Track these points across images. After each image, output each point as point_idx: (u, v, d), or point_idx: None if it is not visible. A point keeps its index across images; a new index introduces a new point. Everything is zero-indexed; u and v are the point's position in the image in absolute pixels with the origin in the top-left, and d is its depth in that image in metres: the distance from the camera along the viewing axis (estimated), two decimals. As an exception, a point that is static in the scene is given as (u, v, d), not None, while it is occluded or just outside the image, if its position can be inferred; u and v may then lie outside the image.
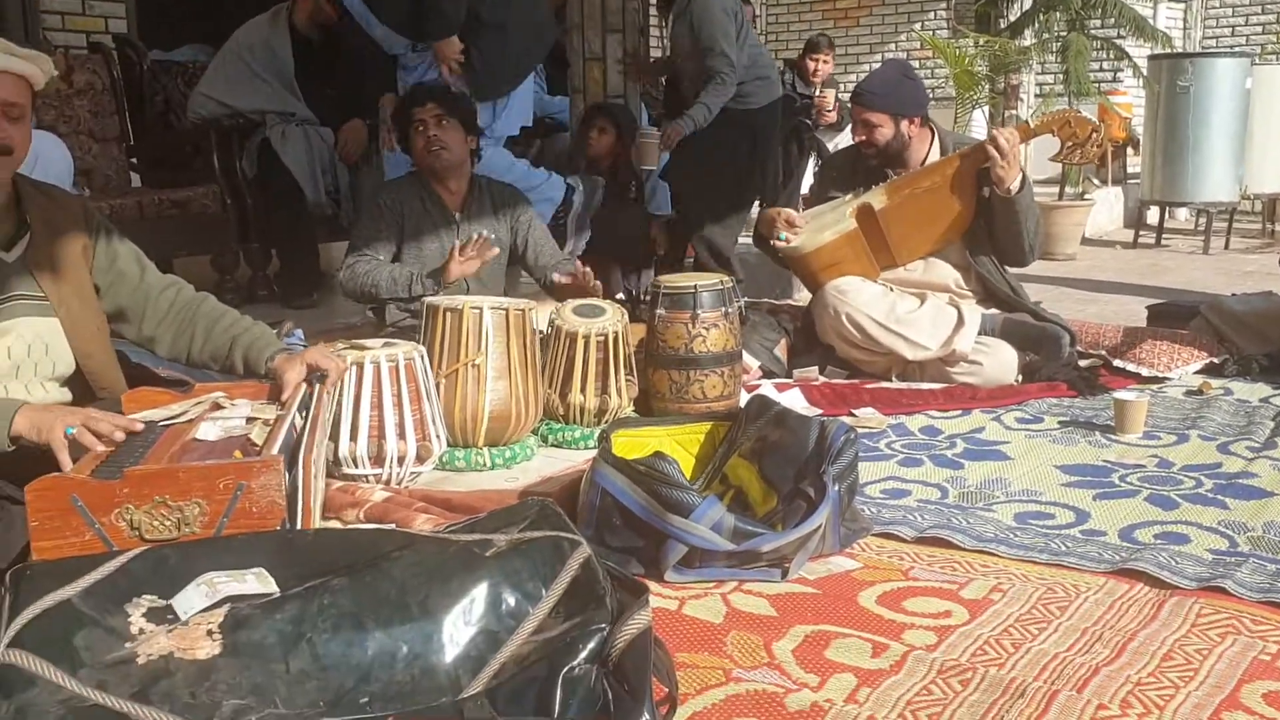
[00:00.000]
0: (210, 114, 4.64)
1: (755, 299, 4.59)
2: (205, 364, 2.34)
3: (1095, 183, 8.23)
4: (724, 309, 3.06)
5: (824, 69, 6.76)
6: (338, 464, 2.55)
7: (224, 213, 4.66)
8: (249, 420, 2.02)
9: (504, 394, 2.78)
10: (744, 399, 3.02)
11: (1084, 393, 3.34)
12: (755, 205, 5.17)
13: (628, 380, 3.05)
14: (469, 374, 2.75)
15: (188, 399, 2.12)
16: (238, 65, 4.65)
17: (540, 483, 2.58)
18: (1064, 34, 7.23)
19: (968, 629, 1.84)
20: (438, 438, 2.66)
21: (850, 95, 3.71)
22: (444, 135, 3.45)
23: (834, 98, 6.56)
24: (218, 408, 2.10)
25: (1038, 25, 7.37)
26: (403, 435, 2.57)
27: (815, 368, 3.61)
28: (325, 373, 2.24)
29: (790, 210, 3.73)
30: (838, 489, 2.12)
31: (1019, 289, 3.67)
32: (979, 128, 7.78)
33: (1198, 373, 3.58)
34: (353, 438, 2.54)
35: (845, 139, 5.67)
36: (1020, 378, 3.48)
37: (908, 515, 2.37)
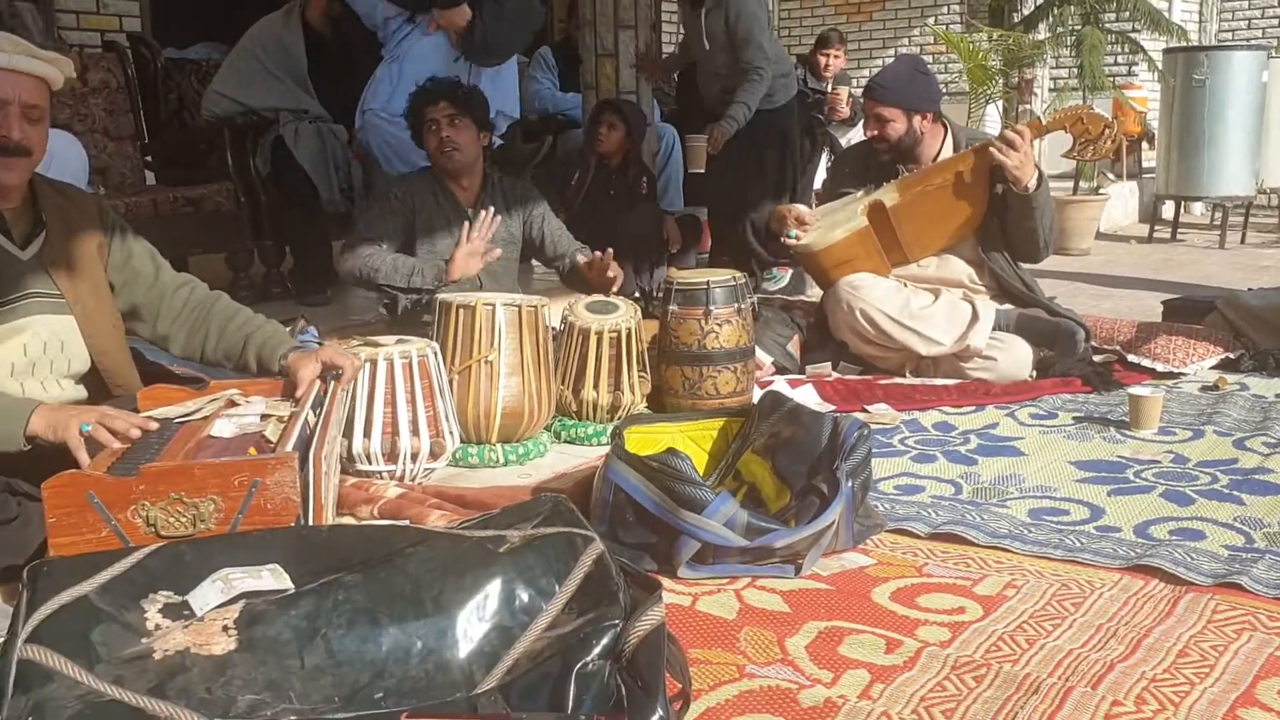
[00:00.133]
0: (224, 112, 4.66)
1: (768, 295, 4.58)
2: (219, 362, 2.36)
3: (1110, 177, 8.19)
4: (737, 305, 3.06)
5: (835, 64, 6.74)
6: (351, 460, 2.56)
7: (238, 210, 4.69)
8: (263, 417, 2.04)
9: (517, 390, 2.78)
10: (757, 395, 3.02)
11: (1099, 388, 3.33)
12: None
13: (640, 376, 3.05)
14: (482, 370, 2.76)
15: (203, 396, 2.13)
16: (251, 63, 4.68)
17: (553, 479, 2.58)
18: (1078, 28, 7.19)
19: (982, 625, 1.84)
20: (451, 434, 2.66)
21: (863, 90, 3.70)
22: (457, 135, 3.44)
23: (847, 94, 6.54)
24: (232, 405, 2.11)
25: (1052, 19, 7.34)
26: (416, 432, 2.57)
27: (828, 364, 3.60)
28: (340, 370, 2.24)
29: (801, 207, 3.70)
30: (851, 485, 2.11)
31: (1033, 284, 3.66)
32: (992, 123, 7.75)
33: (1213, 368, 3.56)
34: (366, 434, 2.55)
35: (858, 135, 5.65)
36: (1034, 373, 3.46)
37: (921, 511, 2.37)
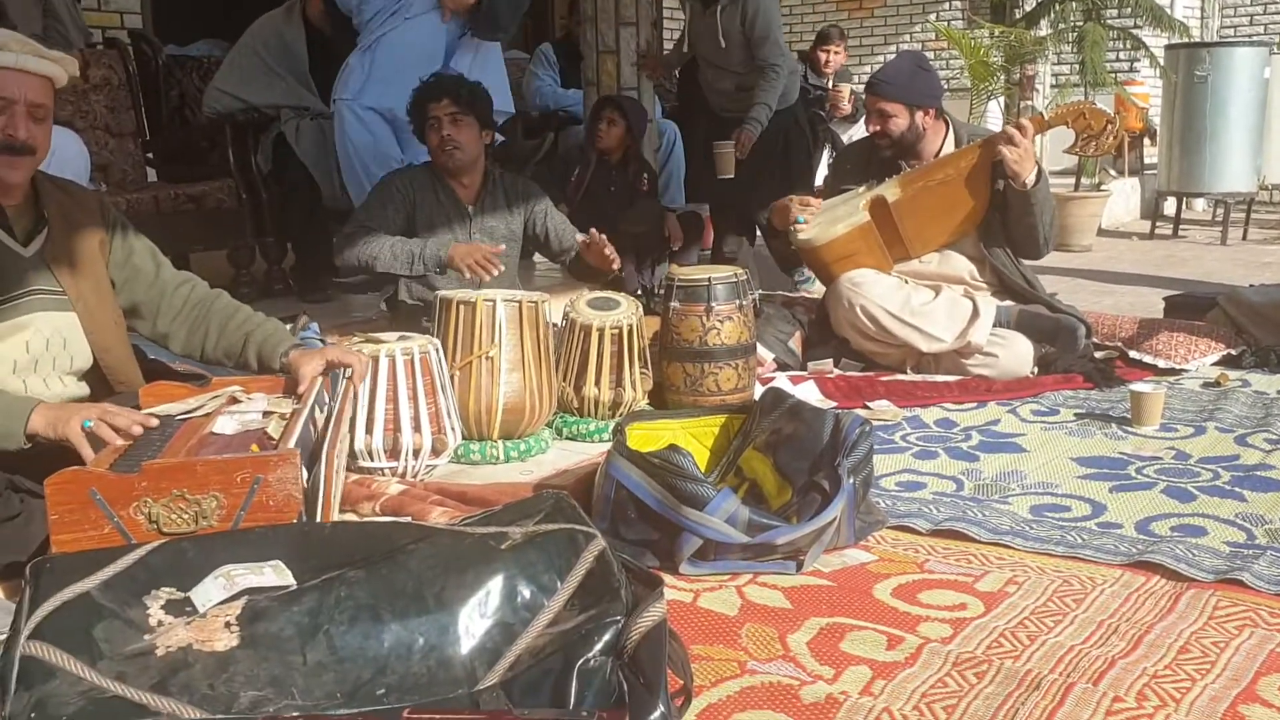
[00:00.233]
0: (225, 109, 4.66)
1: (770, 291, 4.58)
2: (219, 361, 2.35)
3: (1112, 173, 8.18)
4: (738, 301, 3.06)
5: (836, 60, 6.73)
6: (353, 457, 2.56)
7: (239, 207, 4.68)
8: (265, 414, 2.04)
9: (518, 387, 2.78)
10: (758, 392, 3.02)
11: (1100, 385, 3.33)
12: None
13: (642, 373, 3.05)
14: (483, 367, 2.76)
15: (204, 393, 2.13)
16: (252, 60, 4.67)
17: (555, 476, 2.58)
18: (1080, 24, 7.17)
19: (983, 621, 1.84)
20: (452, 431, 2.66)
21: (865, 85, 3.69)
22: (458, 134, 3.41)
23: (849, 91, 6.53)
24: (234, 402, 2.11)
25: (1053, 15, 7.32)
26: (418, 428, 2.58)
27: (830, 360, 3.60)
28: (350, 368, 2.25)
29: (805, 195, 3.72)
30: (852, 482, 2.11)
31: (1034, 281, 3.66)
32: (994, 119, 7.74)
33: (1215, 364, 3.56)
34: (368, 431, 2.55)
35: (859, 131, 5.65)
36: (1036, 370, 3.46)
37: (923, 508, 2.37)
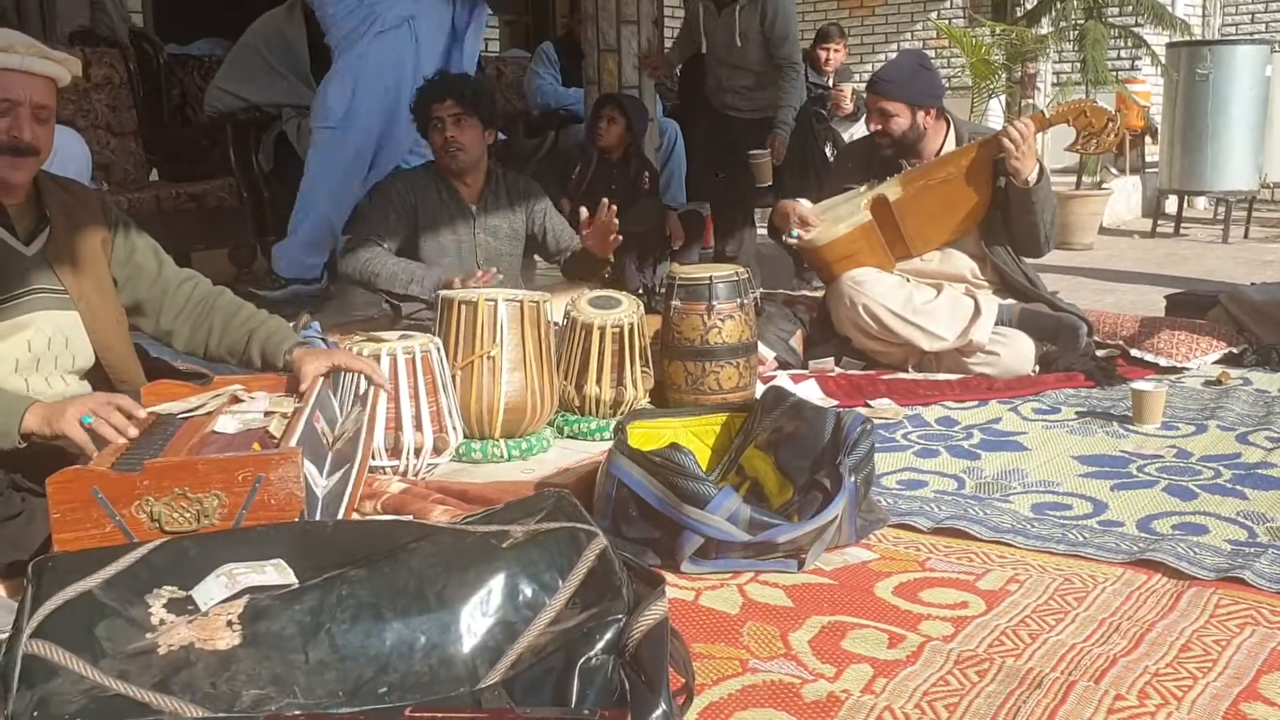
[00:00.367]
0: (227, 107, 4.66)
1: (771, 290, 4.58)
2: (222, 358, 2.36)
3: (1113, 172, 8.17)
4: (739, 300, 3.06)
5: (836, 58, 6.72)
6: (355, 456, 2.56)
7: (241, 206, 4.69)
8: (267, 413, 2.04)
9: (519, 386, 2.78)
10: (760, 390, 3.02)
11: (1101, 383, 3.33)
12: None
13: (643, 372, 3.05)
14: (484, 366, 2.76)
15: (206, 392, 2.14)
16: (254, 59, 4.68)
17: (556, 474, 2.58)
18: (1081, 22, 7.16)
19: (984, 620, 1.84)
20: (454, 429, 2.66)
21: (866, 84, 3.69)
22: (461, 135, 3.39)
23: (851, 91, 6.53)
24: (236, 401, 2.11)
25: (1055, 13, 7.31)
26: (419, 427, 2.58)
27: (831, 359, 3.60)
28: (371, 377, 2.28)
29: (805, 204, 3.65)
30: (854, 480, 2.11)
31: (1036, 279, 3.65)
32: (995, 117, 7.73)
33: (1216, 362, 3.56)
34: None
35: (860, 130, 5.64)
36: (1037, 368, 3.46)
37: (924, 506, 2.37)
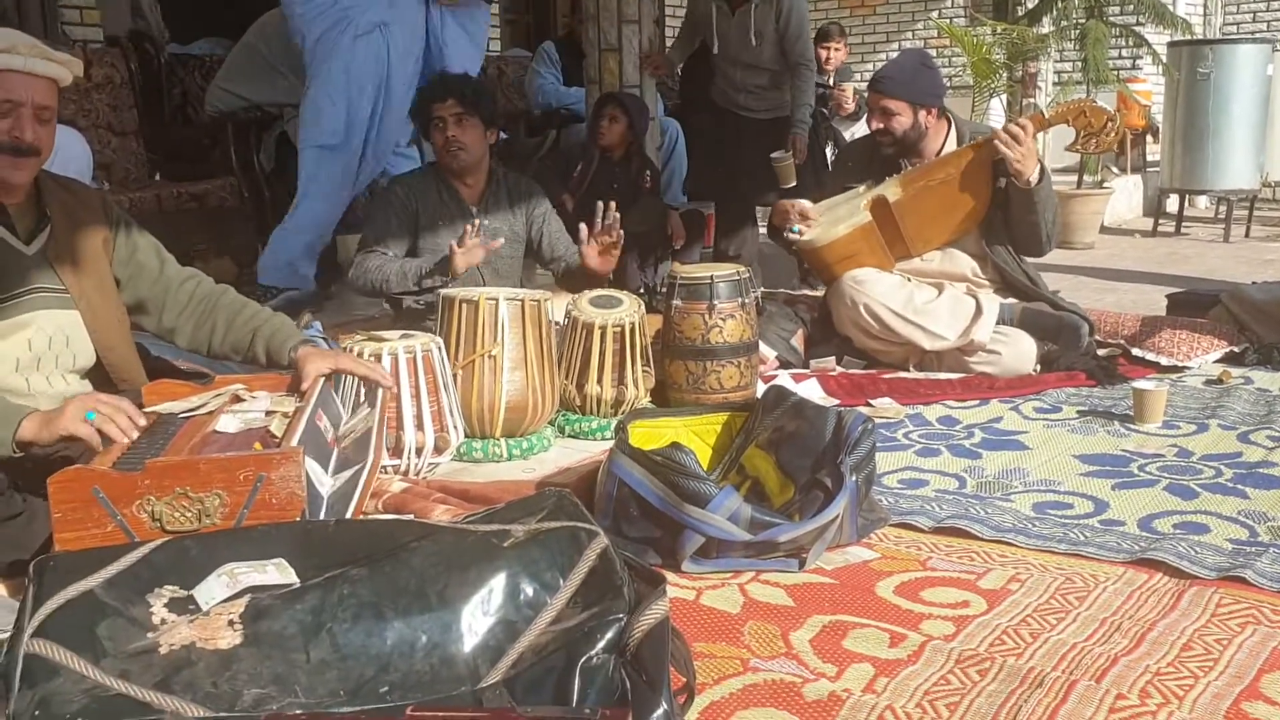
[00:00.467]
0: (228, 107, 4.66)
1: (772, 289, 4.58)
2: (226, 355, 2.35)
3: (1114, 171, 8.17)
4: (740, 299, 3.06)
5: (836, 57, 6.72)
6: (356, 455, 2.56)
7: (242, 206, 4.68)
8: (268, 413, 2.04)
9: (520, 385, 2.78)
10: (761, 389, 3.02)
11: (1103, 382, 3.33)
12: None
13: (644, 371, 3.05)
14: (485, 365, 2.76)
15: (208, 391, 2.14)
16: (255, 58, 4.67)
17: (557, 473, 2.58)
18: (1082, 21, 7.16)
19: (986, 619, 1.84)
20: (455, 429, 2.66)
21: (869, 82, 3.68)
22: (463, 135, 3.39)
23: (853, 90, 6.53)
24: (237, 400, 2.11)
25: (1056, 12, 7.30)
26: (420, 426, 2.58)
27: (832, 358, 3.60)
28: (376, 382, 2.27)
29: (804, 202, 3.67)
30: (855, 479, 2.11)
31: (1037, 278, 3.65)
32: (996, 116, 7.73)
33: (1217, 361, 3.56)
34: (371, 429, 2.55)
35: (861, 129, 5.64)
36: (1038, 367, 3.46)
37: (925, 505, 2.37)
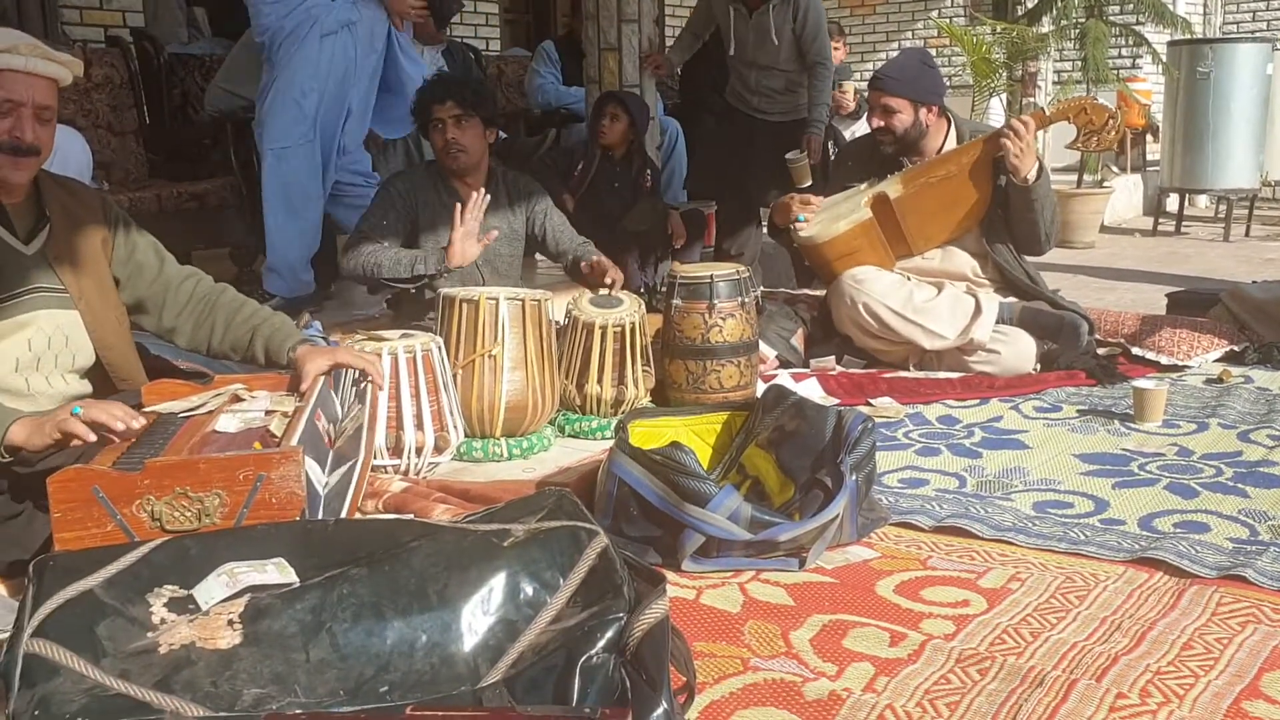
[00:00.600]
0: (228, 107, 4.65)
1: (772, 289, 4.58)
2: (225, 354, 2.35)
3: (1114, 170, 8.17)
4: (740, 299, 3.06)
5: (835, 56, 6.72)
6: (356, 455, 2.56)
7: (241, 205, 4.68)
8: (268, 412, 2.04)
9: (521, 384, 2.78)
10: (761, 389, 3.02)
11: (1103, 381, 3.33)
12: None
13: (644, 370, 3.05)
14: (485, 365, 2.76)
15: (207, 391, 2.14)
16: (254, 58, 4.66)
17: (557, 473, 2.58)
18: (1082, 20, 7.16)
19: (986, 618, 1.84)
20: (455, 428, 2.66)
21: (870, 81, 3.68)
22: (462, 136, 3.37)
23: (853, 90, 6.53)
24: (237, 400, 2.11)
25: (1056, 12, 7.30)
26: (420, 426, 2.58)
27: (832, 357, 3.60)
28: (369, 375, 2.26)
29: (806, 194, 3.71)
30: (855, 478, 2.11)
31: (1037, 277, 3.65)
32: (996, 116, 7.72)
33: (1218, 360, 3.56)
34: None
35: (861, 128, 5.65)
36: (1038, 366, 3.46)
37: (925, 504, 2.37)
